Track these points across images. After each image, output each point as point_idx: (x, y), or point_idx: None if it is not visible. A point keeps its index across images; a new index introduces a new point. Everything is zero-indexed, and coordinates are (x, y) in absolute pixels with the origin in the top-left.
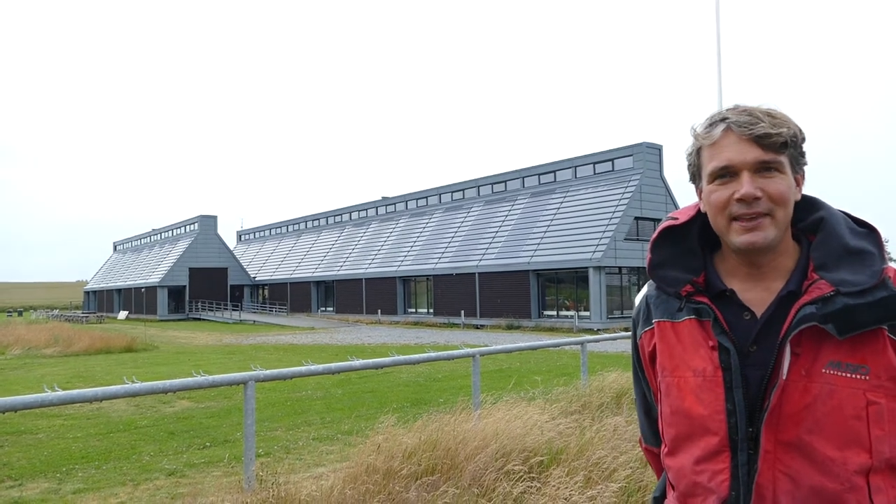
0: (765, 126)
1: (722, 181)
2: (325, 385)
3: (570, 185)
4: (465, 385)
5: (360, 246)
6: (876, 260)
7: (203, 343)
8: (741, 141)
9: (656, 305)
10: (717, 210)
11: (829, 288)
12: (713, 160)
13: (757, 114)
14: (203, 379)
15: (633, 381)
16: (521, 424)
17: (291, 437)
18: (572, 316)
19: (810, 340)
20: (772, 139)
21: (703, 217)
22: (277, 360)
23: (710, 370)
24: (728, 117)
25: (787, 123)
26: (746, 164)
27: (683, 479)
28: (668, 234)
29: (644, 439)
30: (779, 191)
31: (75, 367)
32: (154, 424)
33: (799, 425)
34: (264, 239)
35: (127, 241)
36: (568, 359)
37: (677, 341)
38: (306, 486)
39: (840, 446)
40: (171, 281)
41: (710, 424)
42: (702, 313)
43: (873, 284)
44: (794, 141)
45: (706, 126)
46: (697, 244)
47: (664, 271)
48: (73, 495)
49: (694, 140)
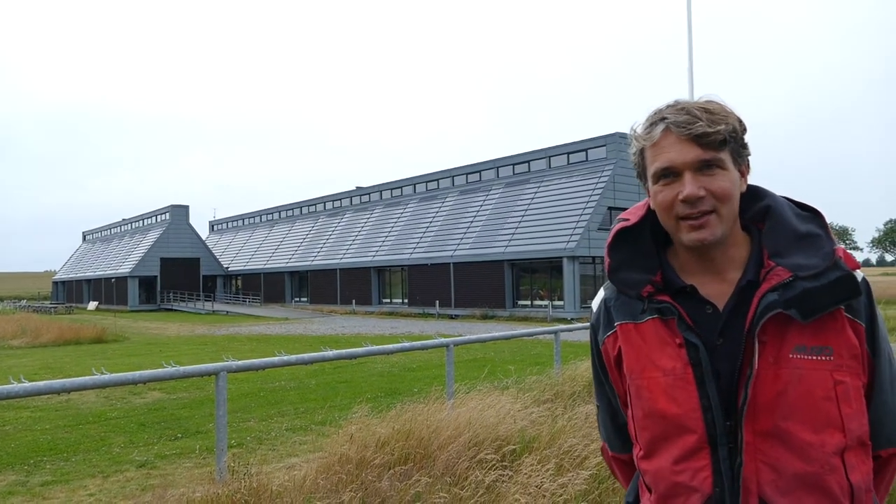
0: (703, 125)
1: (665, 181)
2: (298, 375)
3: (544, 175)
4: (439, 375)
5: (334, 236)
6: (825, 242)
7: (175, 334)
8: (680, 141)
9: (616, 308)
10: (663, 210)
11: (787, 274)
12: (655, 161)
13: (695, 112)
14: (174, 370)
15: (595, 389)
16: (495, 413)
17: (264, 427)
18: (546, 305)
19: (775, 327)
20: (710, 137)
21: (654, 215)
22: (251, 351)
23: (679, 368)
24: (667, 117)
25: (726, 118)
26: (687, 164)
27: (663, 481)
28: (622, 235)
29: (610, 446)
30: (722, 188)
31: (43, 358)
32: (125, 416)
33: (774, 413)
34: (237, 229)
35: (97, 231)
36: (542, 348)
37: (643, 342)
38: (279, 477)
39: (816, 429)
40: (142, 271)
41: (686, 423)
42: (665, 312)
43: (827, 266)
44: (733, 136)
45: (646, 126)
46: (651, 243)
47: (623, 273)
48: (42, 487)
49: (634, 140)
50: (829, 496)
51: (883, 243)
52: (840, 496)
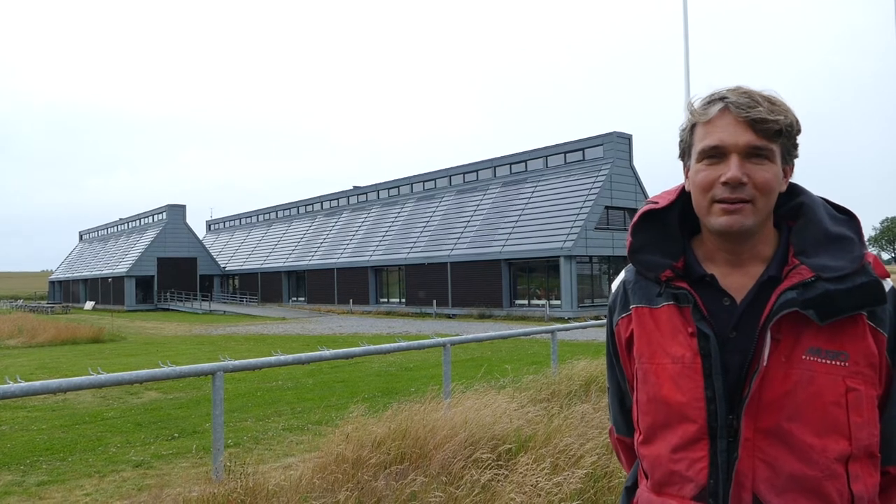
0: (762, 111)
1: (710, 161)
2: (295, 375)
3: (541, 174)
4: (435, 374)
5: (331, 236)
6: (856, 246)
7: (172, 334)
8: (736, 122)
9: (634, 291)
10: (701, 190)
11: (810, 273)
12: (705, 139)
13: (757, 97)
14: (171, 370)
15: (607, 370)
16: (491, 413)
17: (261, 427)
18: (543, 305)
19: (790, 326)
20: (767, 125)
21: (684, 201)
22: (247, 351)
23: (688, 357)
24: (727, 97)
25: (786, 112)
26: (738, 147)
27: (659, 467)
28: (648, 217)
29: (616, 429)
30: (765, 179)
31: (40, 358)
32: (121, 416)
33: (779, 412)
34: (234, 229)
35: (93, 231)
36: (538, 347)
37: (655, 327)
38: (275, 477)
39: (820, 433)
40: (139, 271)
41: (688, 412)
42: (681, 299)
43: (853, 270)
44: (788, 131)
45: (704, 103)
46: (677, 228)
47: (644, 255)
48: (38, 487)
49: (689, 116)
50: (825, 502)
51: (879, 241)
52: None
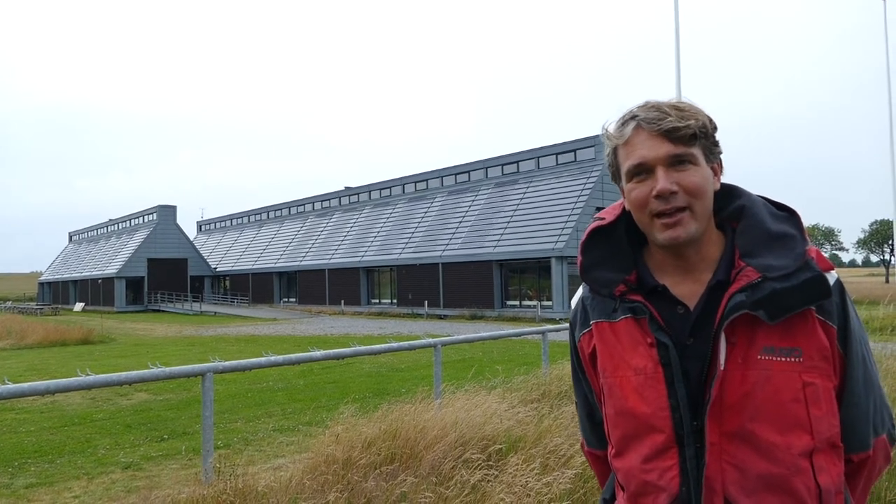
0: (672, 120)
1: (639, 179)
2: (286, 376)
3: (532, 175)
4: (426, 375)
5: (322, 236)
6: (798, 242)
7: (162, 335)
8: (652, 137)
9: (592, 307)
10: (637, 208)
11: (757, 275)
12: (628, 158)
13: (664, 108)
14: (160, 371)
15: (574, 385)
16: (481, 413)
17: (251, 428)
18: (535, 305)
19: (744, 328)
20: (680, 132)
21: (630, 214)
22: (238, 352)
23: (650, 367)
24: (637, 114)
25: (696, 115)
26: (659, 160)
27: (633, 479)
28: (597, 234)
29: (587, 443)
30: (694, 183)
31: (29, 359)
32: (110, 417)
33: (741, 414)
34: (225, 229)
35: (83, 232)
36: (529, 348)
37: (616, 341)
38: (265, 478)
39: (782, 431)
40: (129, 272)
41: (655, 422)
42: (637, 311)
43: (797, 267)
44: (703, 132)
45: (618, 126)
46: (626, 242)
47: (596, 273)
48: (26, 490)
49: (607, 140)
50: (794, 498)
51: (868, 244)
52: (807, 498)
